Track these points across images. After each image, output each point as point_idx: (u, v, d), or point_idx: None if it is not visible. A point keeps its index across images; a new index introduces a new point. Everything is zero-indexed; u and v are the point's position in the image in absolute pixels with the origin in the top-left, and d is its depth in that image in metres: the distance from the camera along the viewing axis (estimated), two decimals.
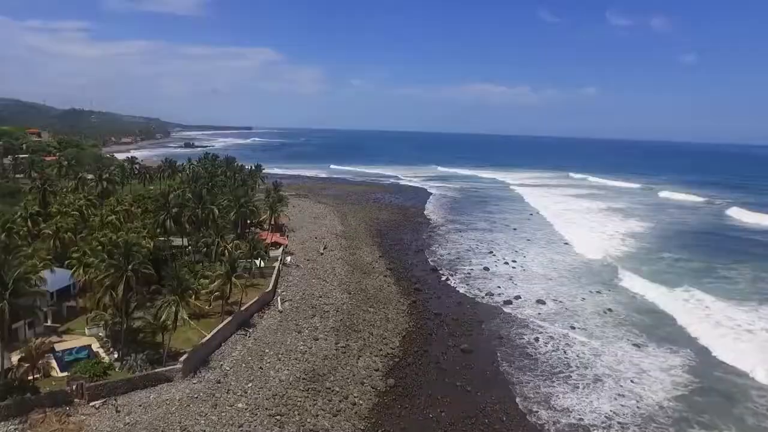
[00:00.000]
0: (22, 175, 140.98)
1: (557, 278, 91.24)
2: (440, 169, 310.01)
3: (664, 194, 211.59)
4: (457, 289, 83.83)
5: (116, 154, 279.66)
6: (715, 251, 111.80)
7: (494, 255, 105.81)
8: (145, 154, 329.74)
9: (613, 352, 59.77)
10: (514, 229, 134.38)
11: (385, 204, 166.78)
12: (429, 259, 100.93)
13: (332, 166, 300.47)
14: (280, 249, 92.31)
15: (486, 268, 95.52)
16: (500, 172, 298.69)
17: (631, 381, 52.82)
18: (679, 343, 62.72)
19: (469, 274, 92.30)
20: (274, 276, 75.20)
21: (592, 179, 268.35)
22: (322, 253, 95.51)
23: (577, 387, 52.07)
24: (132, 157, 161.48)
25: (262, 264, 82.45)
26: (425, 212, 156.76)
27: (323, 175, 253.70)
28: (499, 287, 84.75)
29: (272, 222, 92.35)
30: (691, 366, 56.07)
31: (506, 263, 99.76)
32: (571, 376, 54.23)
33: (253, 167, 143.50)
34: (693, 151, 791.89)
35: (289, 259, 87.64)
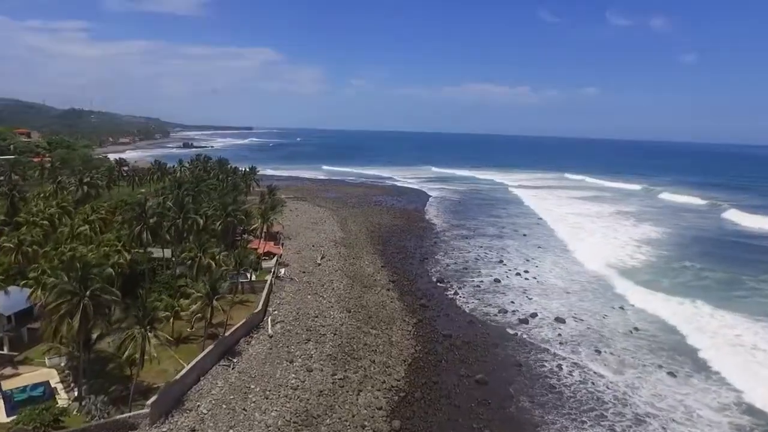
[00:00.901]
0: (2, 178, 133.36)
1: (575, 291, 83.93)
2: (439, 170, 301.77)
3: (670, 196, 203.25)
4: (466, 304, 76.47)
5: (112, 155, 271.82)
6: (737, 261, 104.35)
7: (505, 264, 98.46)
8: (141, 154, 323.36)
9: (650, 384, 52.31)
10: (524, 235, 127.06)
11: (386, 207, 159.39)
12: (434, 270, 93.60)
13: (324, 167, 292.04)
14: (274, 259, 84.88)
15: (497, 280, 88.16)
16: (501, 173, 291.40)
17: (679, 423, 45.40)
18: (723, 373, 55.15)
19: (479, 286, 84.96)
20: (265, 292, 67.75)
21: (596, 181, 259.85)
22: (319, 264, 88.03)
23: (614, 431, 44.71)
24: (120, 158, 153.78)
25: (254, 277, 75.24)
26: (427, 216, 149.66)
27: (321, 177, 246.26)
28: (512, 302, 77.42)
29: (265, 230, 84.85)
30: (749, 405, 48.43)
31: (518, 274, 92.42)
32: (605, 416, 46.83)
33: (248, 169, 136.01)
34: (693, 151, 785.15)
35: (283, 271, 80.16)
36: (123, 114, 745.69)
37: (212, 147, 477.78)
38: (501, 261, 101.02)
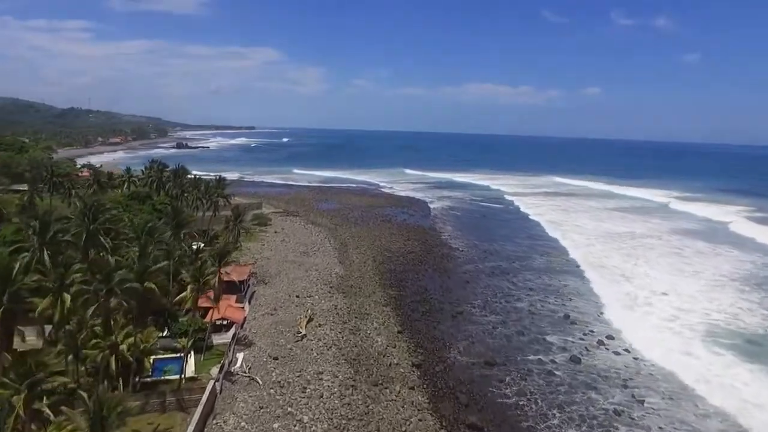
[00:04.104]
0: None
1: (697, 382, 53.55)
2: (439, 174, 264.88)
3: (722, 209, 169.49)
4: (544, 421, 45.84)
5: (97, 157, 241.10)
6: None
7: (576, 324, 67.99)
8: (126, 156, 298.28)
9: None
10: (577, 266, 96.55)
11: (396, 225, 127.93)
12: (476, 337, 63.04)
13: (295, 171, 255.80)
14: (231, 331, 54.16)
15: (575, 359, 57.64)
16: (511, 177, 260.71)
17: None
18: None
19: (552, 374, 54.37)
20: (195, 419, 37.01)
21: (619, 188, 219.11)
22: (303, 336, 57.17)
23: None
24: (52, 163, 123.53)
25: (192, 370, 45.17)
26: (444, 237, 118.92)
27: (316, 184, 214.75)
28: (617, 414, 46.83)
29: (219, 282, 53.73)
30: None
31: (603, 344, 61.97)
32: None
33: (215, 181, 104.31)
34: (704, 152, 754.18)
35: (240, 360, 49.28)
36: (124, 113, 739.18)
37: (208, 147, 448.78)
38: (567, 316, 70.60)
